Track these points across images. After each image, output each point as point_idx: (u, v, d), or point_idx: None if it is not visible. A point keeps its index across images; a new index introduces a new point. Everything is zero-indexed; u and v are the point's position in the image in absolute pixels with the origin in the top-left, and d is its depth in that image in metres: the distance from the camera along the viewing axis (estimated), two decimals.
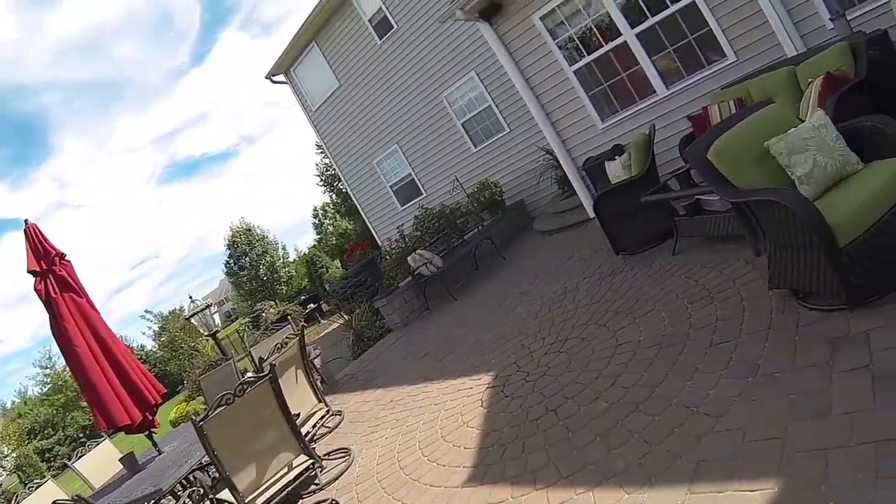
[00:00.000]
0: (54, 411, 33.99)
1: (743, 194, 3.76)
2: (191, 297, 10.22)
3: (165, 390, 6.30)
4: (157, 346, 34.64)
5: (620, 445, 3.42)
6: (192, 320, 10.12)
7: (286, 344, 5.89)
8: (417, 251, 10.91)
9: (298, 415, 5.43)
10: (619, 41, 8.53)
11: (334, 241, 28.78)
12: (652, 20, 8.13)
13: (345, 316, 11.91)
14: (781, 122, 3.97)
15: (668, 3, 7.91)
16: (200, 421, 4.19)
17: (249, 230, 35.65)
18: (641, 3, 8.17)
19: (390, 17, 14.67)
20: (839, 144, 3.66)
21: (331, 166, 26.39)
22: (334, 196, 32.01)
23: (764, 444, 2.77)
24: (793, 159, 3.62)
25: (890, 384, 2.65)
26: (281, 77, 18.49)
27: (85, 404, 28.83)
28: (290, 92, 18.79)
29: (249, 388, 4.49)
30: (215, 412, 4.27)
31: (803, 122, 3.93)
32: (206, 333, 10.20)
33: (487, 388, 5.42)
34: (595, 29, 8.75)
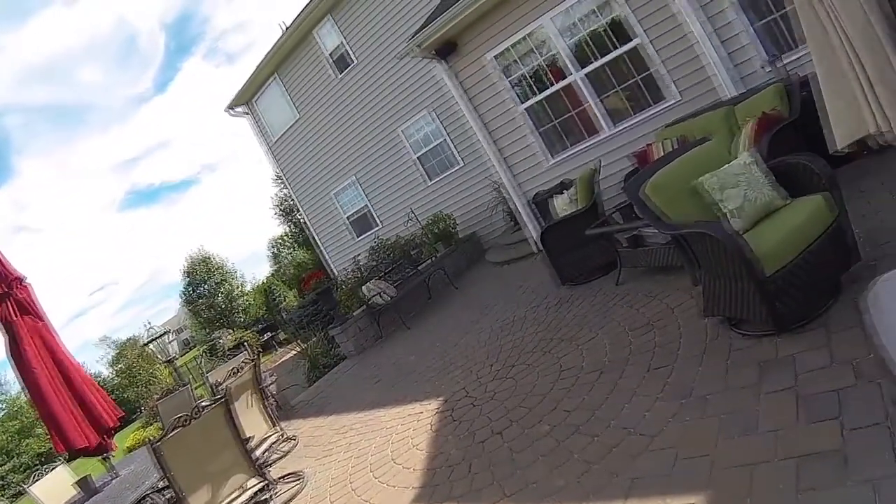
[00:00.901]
0: (8, 438, 32.55)
1: (677, 228, 3.95)
2: (148, 324, 10.25)
3: (123, 414, 6.28)
4: (113, 373, 33.97)
5: (561, 465, 3.53)
6: (150, 347, 10.12)
7: (241, 369, 5.96)
8: (372, 281, 11.07)
9: (252, 438, 5.46)
10: (567, 81, 8.87)
11: (291, 271, 28.73)
12: (600, 61, 8.49)
13: (301, 344, 12.01)
14: (715, 159, 4.20)
15: (616, 45, 8.28)
16: (157, 442, 4.24)
17: (208, 259, 35.44)
18: (590, 45, 8.52)
19: (350, 53, 14.92)
20: (768, 180, 3.89)
21: (288, 197, 26.46)
22: (291, 227, 31.98)
23: (695, 461, 2.91)
24: (724, 194, 3.84)
25: (811, 403, 2.82)
26: (242, 109, 18.54)
27: (40, 431, 28.04)
28: (251, 123, 18.84)
29: (204, 411, 4.56)
30: (171, 433, 4.31)
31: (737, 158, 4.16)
32: (163, 360, 10.13)
33: (437, 412, 5.53)
34: (545, 69, 9.07)
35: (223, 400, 4.72)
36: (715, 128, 6.17)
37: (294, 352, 12.63)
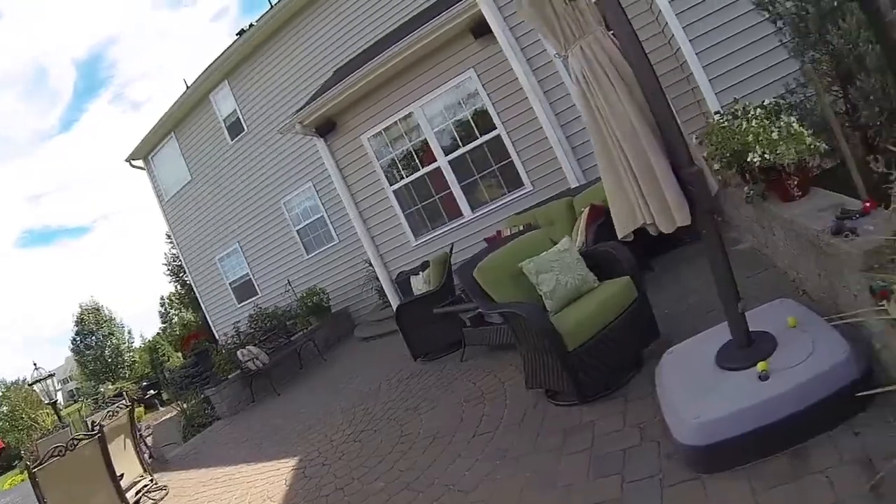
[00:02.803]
0: None
1: (496, 307, 4.41)
2: (35, 365, 10.23)
3: (3, 445, 6.21)
4: None
5: None
6: (35, 387, 10.27)
7: (117, 412, 6.26)
8: (247, 347, 11.33)
9: (124, 475, 5.70)
10: (433, 166, 9.49)
11: (178, 332, 28.04)
12: (463, 149, 9.16)
13: (181, 404, 12.30)
14: (539, 246, 4.73)
15: (478, 134, 8.97)
16: (34, 468, 4.48)
17: (98, 310, 35.09)
18: (455, 133, 9.17)
19: (242, 120, 15.23)
20: (580, 266, 4.41)
21: (178, 257, 25.97)
22: (179, 287, 31.20)
23: None
24: (540, 278, 4.32)
25: (601, 461, 3.24)
26: (140, 162, 18.38)
27: None
28: (148, 178, 18.62)
29: (79, 444, 4.86)
30: (48, 462, 4.56)
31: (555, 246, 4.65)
32: (46, 401, 10.38)
33: (292, 469, 5.89)
34: (414, 153, 9.66)
35: (98, 436, 4.98)
36: (556, 216, 6.78)
37: (175, 412, 12.92)
